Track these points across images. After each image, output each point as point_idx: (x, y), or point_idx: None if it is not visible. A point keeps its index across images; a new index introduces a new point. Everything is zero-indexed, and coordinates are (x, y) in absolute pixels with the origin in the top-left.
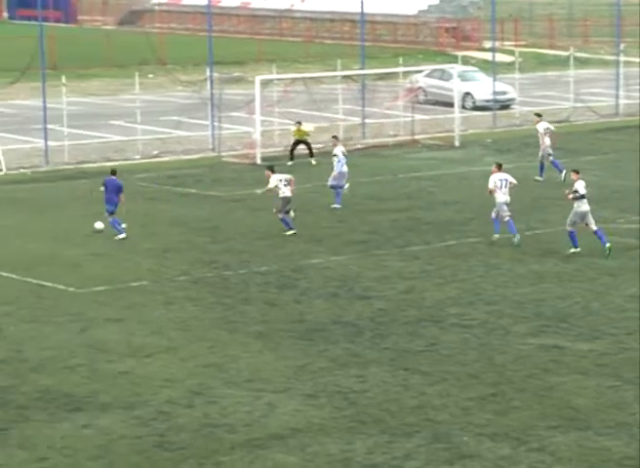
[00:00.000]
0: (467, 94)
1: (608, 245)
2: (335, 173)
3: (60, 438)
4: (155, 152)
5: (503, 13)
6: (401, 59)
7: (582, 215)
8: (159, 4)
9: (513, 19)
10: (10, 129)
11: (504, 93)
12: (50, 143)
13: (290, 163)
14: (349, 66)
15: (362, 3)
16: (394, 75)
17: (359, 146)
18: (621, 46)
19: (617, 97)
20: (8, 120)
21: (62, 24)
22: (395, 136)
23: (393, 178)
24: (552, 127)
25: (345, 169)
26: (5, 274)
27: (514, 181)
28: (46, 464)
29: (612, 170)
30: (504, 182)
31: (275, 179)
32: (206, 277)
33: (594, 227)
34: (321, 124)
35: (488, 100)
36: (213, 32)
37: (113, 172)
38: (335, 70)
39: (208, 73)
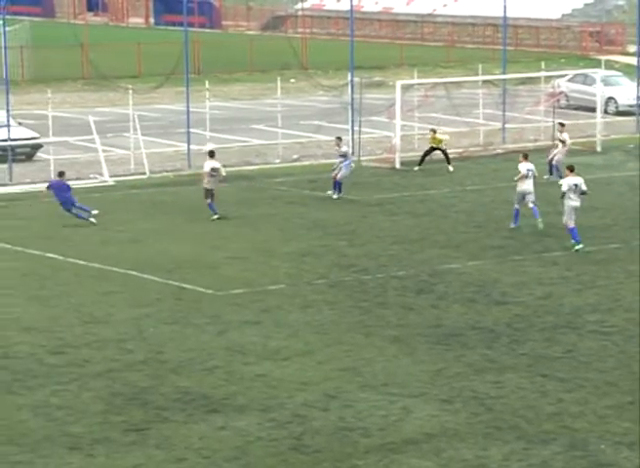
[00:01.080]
0: (610, 98)
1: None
2: (345, 171)
3: (198, 439)
4: (295, 156)
5: None
6: (543, 64)
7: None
8: (302, 9)
9: None
10: (153, 132)
11: None
12: (192, 147)
13: (416, 168)
14: (490, 71)
15: (505, 7)
16: (536, 80)
17: (499, 151)
18: None
19: None
20: (152, 124)
21: (207, 30)
22: (536, 140)
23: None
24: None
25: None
26: (147, 276)
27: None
28: (184, 465)
29: None
30: (531, 172)
31: (208, 166)
32: (343, 281)
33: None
34: (461, 129)
35: (631, 105)
36: (354, 37)
37: (61, 173)
38: (476, 75)
39: (349, 78)
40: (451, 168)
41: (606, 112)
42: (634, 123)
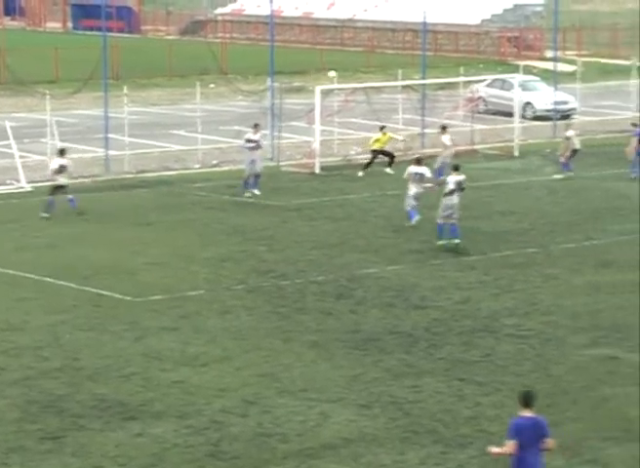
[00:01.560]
0: (528, 103)
1: (457, 241)
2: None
3: (115, 446)
4: (215, 161)
5: (566, 22)
6: (462, 69)
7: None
8: (221, 14)
9: (576, 28)
10: (71, 138)
11: (565, 102)
12: (111, 152)
13: (361, 173)
14: (410, 76)
15: (424, 13)
16: (455, 85)
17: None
18: None
19: None
20: (69, 130)
21: (126, 35)
22: (454, 145)
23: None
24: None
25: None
26: (63, 283)
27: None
28: None
29: None
30: (419, 176)
31: (56, 163)
32: (262, 286)
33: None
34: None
35: (548, 110)
36: (274, 42)
37: None
38: (395, 80)
39: (269, 83)
40: (390, 170)
41: (523, 117)
42: (551, 128)
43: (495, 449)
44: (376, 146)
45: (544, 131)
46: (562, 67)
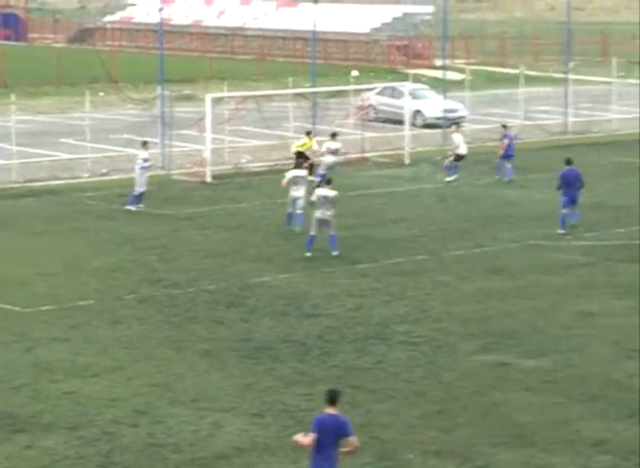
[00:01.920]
0: (418, 111)
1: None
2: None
3: (5, 458)
4: (104, 170)
5: (454, 31)
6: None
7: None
8: (110, 22)
9: (464, 37)
10: None
11: (455, 110)
12: None
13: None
14: (301, 84)
15: (314, 21)
16: (345, 93)
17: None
18: (571, 64)
19: (566, 114)
20: None
21: (13, 42)
22: (345, 153)
23: (343, 196)
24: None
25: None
26: None
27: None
28: None
29: None
30: (300, 179)
31: None
32: (154, 296)
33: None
34: (272, 142)
35: (438, 118)
36: (164, 50)
37: None
38: (286, 88)
39: (158, 91)
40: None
41: (413, 125)
42: (441, 135)
43: (296, 437)
44: (300, 149)
45: (434, 138)
46: (451, 76)
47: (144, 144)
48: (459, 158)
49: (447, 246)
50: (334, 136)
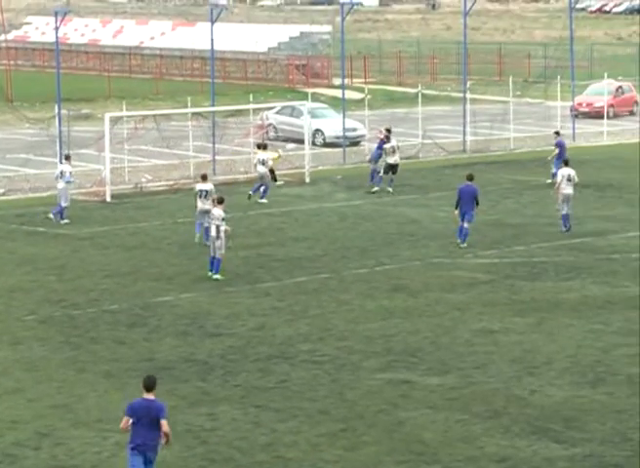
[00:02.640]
0: (317, 130)
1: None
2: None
3: None
4: (1, 190)
5: (353, 50)
6: (251, 96)
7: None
8: (5, 40)
9: (362, 56)
10: None
11: (354, 129)
12: None
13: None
14: (199, 103)
15: (212, 41)
16: (245, 112)
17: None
18: (468, 84)
19: (464, 133)
20: None
21: None
22: (246, 172)
23: (243, 215)
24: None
25: None
26: None
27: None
28: None
29: None
30: (204, 193)
31: None
32: (54, 316)
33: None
34: (172, 161)
35: (338, 137)
36: (61, 69)
37: None
38: (185, 107)
39: (56, 110)
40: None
41: (314, 144)
42: (341, 154)
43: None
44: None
45: (334, 157)
46: (350, 95)
47: (67, 158)
48: (390, 168)
49: (349, 264)
50: (264, 147)
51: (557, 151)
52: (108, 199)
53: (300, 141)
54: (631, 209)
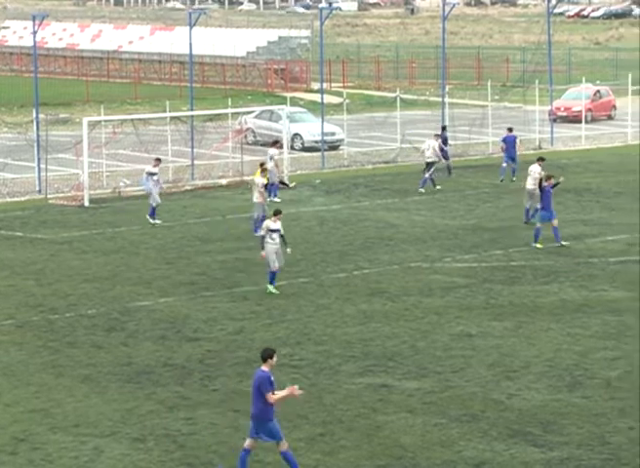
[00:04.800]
0: (296, 134)
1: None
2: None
3: None
4: None
5: (331, 55)
6: (230, 101)
7: None
8: None
9: (341, 61)
10: None
11: (333, 134)
12: None
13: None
14: (178, 108)
15: (190, 45)
16: (223, 116)
17: (188, 188)
18: (446, 88)
19: None
20: None
21: None
22: (224, 177)
23: (222, 220)
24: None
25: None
26: None
27: None
28: None
29: (438, 209)
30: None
31: None
32: (32, 321)
33: None
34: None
35: (316, 141)
36: (39, 73)
37: None
38: (163, 111)
39: (34, 114)
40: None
41: (292, 148)
42: (320, 158)
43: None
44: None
45: (313, 161)
46: (329, 99)
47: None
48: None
49: (327, 269)
50: (276, 143)
51: (504, 147)
52: (87, 203)
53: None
54: (609, 213)
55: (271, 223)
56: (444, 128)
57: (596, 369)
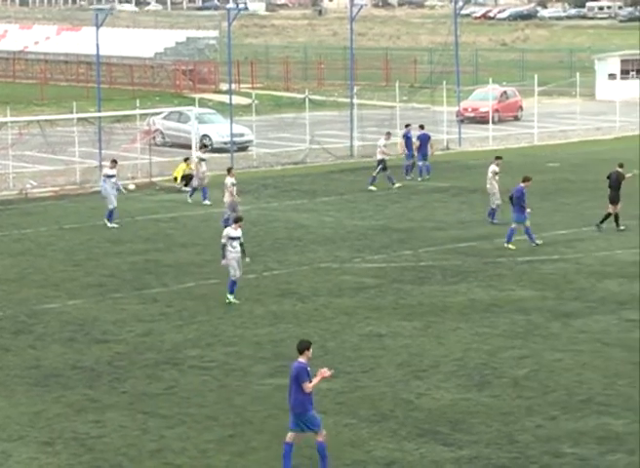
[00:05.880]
0: (205, 135)
1: None
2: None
3: None
4: None
5: (240, 56)
6: (138, 102)
7: None
8: None
9: (249, 61)
10: None
11: (242, 135)
12: None
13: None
14: (85, 109)
15: (97, 45)
16: (131, 117)
17: (96, 189)
18: (355, 89)
19: (351, 138)
20: None
21: None
22: (133, 178)
23: (131, 221)
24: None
25: None
26: None
27: None
28: None
29: (347, 210)
30: None
31: None
32: None
33: None
34: (57, 167)
35: (225, 143)
36: None
37: None
38: (70, 112)
39: None
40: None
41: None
42: (229, 160)
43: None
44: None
45: (222, 163)
46: (238, 100)
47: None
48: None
49: None
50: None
51: (418, 144)
52: None
53: (188, 147)
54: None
55: (232, 231)
56: (407, 125)
57: (504, 368)
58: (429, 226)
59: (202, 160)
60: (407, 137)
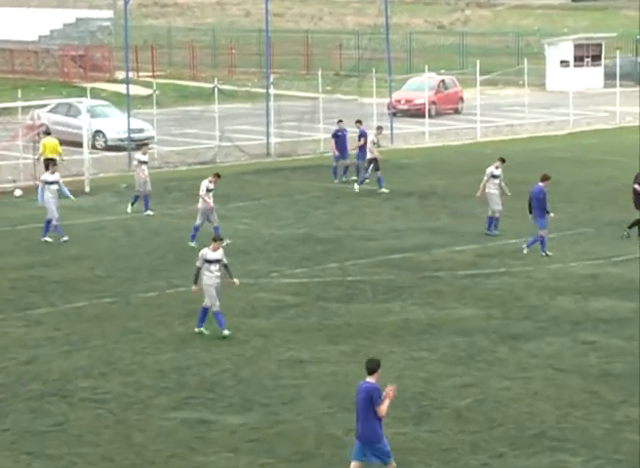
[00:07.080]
0: (98, 132)
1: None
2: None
3: None
4: None
5: (138, 39)
6: (20, 92)
7: None
8: None
9: (150, 46)
10: None
11: (141, 130)
12: None
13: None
14: None
15: None
16: (12, 110)
17: None
18: (271, 78)
19: (267, 134)
20: None
21: None
22: (15, 180)
23: (12, 230)
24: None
25: None
26: None
27: None
28: None
29: (264, 217)
30: None
31: None
32: None
33: None
34: None
35: (122, 139)
36: None
37: None
38: None
39: None
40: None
41: (94, 147)
42: (126, 159)
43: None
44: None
45: (118, 163)
46: (136, 90)
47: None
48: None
49: (136, 287)
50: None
51: (362, 142)
52: None
53: (79, 145)
54: (457, 220)
55: (209, 252)
56: (339, 121)
57: (445, 398)
58: (358, 235)
59: (142, 162)
60: (337, 136)
